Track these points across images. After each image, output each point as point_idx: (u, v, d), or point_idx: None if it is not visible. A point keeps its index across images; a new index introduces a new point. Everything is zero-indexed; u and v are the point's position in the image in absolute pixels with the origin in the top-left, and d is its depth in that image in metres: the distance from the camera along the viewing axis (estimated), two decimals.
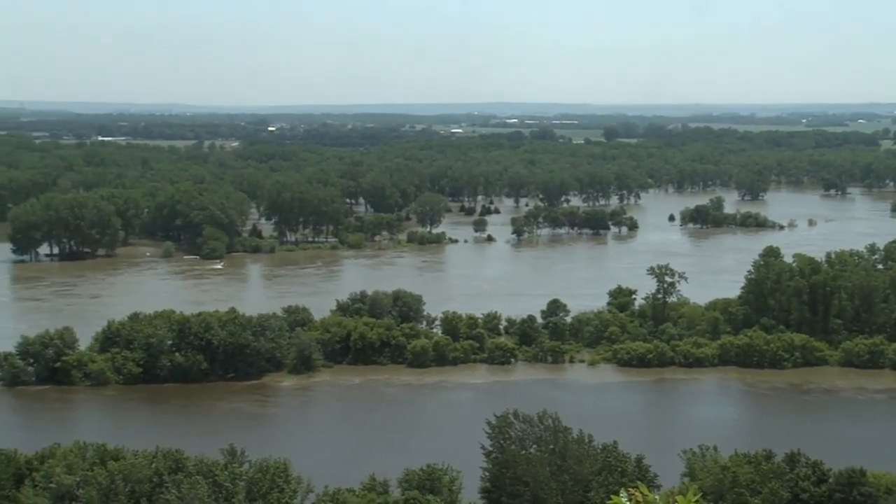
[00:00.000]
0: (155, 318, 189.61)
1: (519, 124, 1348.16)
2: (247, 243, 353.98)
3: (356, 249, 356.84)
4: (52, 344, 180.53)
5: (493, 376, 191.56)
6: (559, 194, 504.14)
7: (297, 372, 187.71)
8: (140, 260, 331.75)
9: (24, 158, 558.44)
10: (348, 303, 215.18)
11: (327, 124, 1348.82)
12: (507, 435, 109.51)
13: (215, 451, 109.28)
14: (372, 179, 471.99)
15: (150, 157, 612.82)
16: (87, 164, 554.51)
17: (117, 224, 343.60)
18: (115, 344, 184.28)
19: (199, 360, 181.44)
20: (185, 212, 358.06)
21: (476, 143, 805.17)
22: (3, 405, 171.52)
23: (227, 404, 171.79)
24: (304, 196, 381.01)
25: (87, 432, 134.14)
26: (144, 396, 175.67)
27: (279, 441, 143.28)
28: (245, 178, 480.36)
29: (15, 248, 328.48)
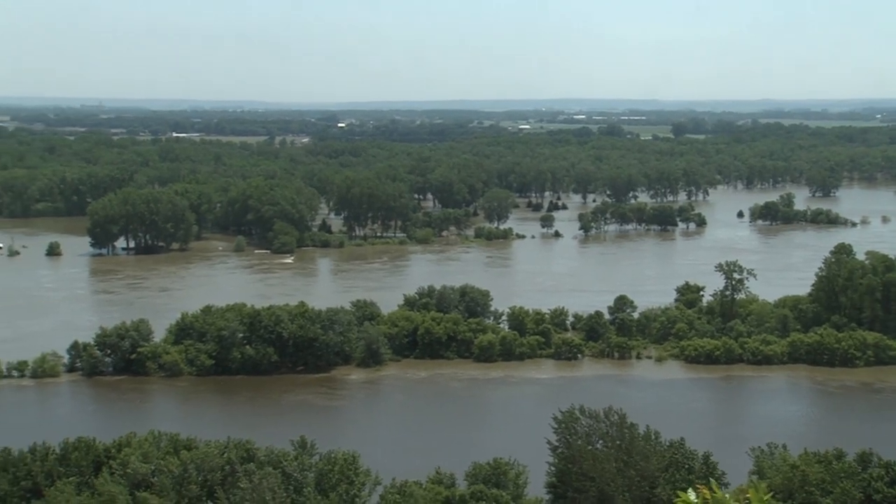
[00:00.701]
0: (227, 311, 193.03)
1: (587, 120, 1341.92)
2: (316, 238, 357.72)
3: (424, 244, 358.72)
4: (128, 335, 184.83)
5: (559, 371, 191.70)
6: (626, 190, 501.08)
7: (365, 365, 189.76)
8: (212, 254, 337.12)
9: (102, 155, 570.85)
10: (416, 297, 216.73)
11: (396, 120, 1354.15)
12: (573, 430, 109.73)
13: (284, 442, 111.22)
14: (440, 175, 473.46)
15: (223, 152, 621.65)
16: (162, 159, 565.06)
17: (191, 219, 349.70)
18: (189, 336, 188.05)
19: (269, 353, 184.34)
20: (256, 207, 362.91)
21: (544, 139, 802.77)
22: (83, 394, 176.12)
23: (295, 396, 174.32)
24: (373, 191, 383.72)
25: (162, 422, 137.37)
26: (216, 388, 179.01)
27: (347, 433, 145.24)
28: (315, 173, 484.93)
29: (93, 242, 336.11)
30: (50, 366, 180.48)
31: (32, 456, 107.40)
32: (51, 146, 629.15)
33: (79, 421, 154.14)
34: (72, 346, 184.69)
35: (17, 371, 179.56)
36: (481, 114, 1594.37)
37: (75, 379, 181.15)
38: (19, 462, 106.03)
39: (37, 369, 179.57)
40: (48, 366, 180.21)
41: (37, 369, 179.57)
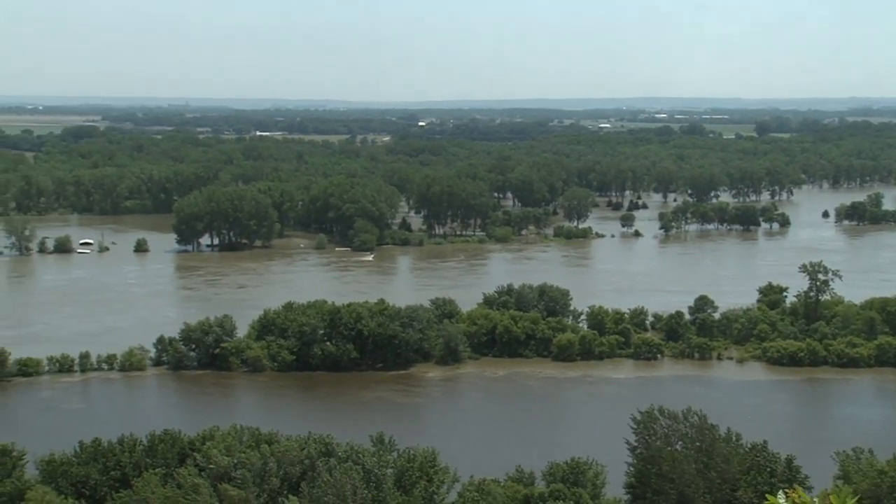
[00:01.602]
0: (308, 307, 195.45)
1: (668, 119, 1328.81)
2: (396, 236, 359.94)
3: (503, 243, 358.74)
4: (212, 331, 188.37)
5: (638, 371, 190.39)
6: (708, 190, 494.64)
7: (444, 363, 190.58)
8: (294, 251, 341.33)
9: (188, 153, 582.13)
10: (495, 296, 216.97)
11: (476, 119, 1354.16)
12: (652, 431, 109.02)
13: (363, 438, 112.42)
14: (520, 174, 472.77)
15: (305, 151, 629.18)
16: (245, 157, 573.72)
17: (273, 216, 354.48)
18: (271, 332, 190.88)
19: (349, 350, 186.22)
20: (337, 205, 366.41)
21: (624, 138, 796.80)
22: (168, 388, 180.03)
23: (374, 393, 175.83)
24: (453, 190, 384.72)
25: (243, 416, 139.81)
26: (296, 383, 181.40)
27: (425, 430, 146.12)
28: (395, 171, 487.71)
29: (179, 239, 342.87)
30: (137, 359, 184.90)
31: (121, 447, 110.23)
32: (139, 145, 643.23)
33: (164, 413, 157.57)
34: (158, 341, 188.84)
35: (106, 364, 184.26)
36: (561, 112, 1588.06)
37: (161, 373, 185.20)
38: (109, 452, 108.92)
39: (125, 363, 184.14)
40: (135, 359, 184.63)
41: (125, 363, 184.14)
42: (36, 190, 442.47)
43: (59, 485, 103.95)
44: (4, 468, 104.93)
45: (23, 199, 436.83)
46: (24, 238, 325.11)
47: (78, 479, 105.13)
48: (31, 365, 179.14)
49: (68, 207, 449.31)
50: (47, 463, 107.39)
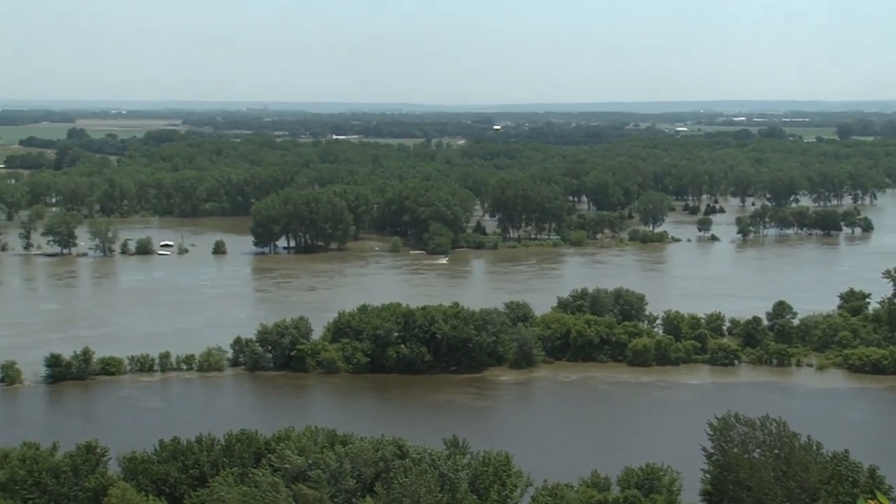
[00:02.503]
0: (382, 310, 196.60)
1: (746, 122, 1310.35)
2: (471, 239, 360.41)
3: (578, 247, 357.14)
4: (288, 333, 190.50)
5: (714, 377, 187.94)
6: (788, 194, 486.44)
7: (518, 367, 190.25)
8: (368, 254, 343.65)
9: (265, 156, 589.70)
10: (569, 300, 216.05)
11: (551, 122, 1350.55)
12: (729, 437, 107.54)
13: (436, 440, 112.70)
14: (595, 177, 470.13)
15: (381, 154, 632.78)
16: (322, 161, 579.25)
17: (349, 219, 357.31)
18: (345, 334, 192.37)
19: (423, 353, 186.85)
20: (412, 208, 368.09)
21: (701, 142, 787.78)
22: (245, 389, 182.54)
23: (447, 396, 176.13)
24: (528, 193, 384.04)
25: (318, 417, 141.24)
26: (370, 385, 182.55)
27: (498, 434, 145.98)
28: (470, 175, 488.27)
29: (256, 241, 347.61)
30: (215, 360, 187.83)
31: (199, 445, 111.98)
32: (218, 148, 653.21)
33: (241, 414, 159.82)
34: (235, 342, 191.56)
35: (185, 364, 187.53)
36: (637, 116, 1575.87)
37: (238, 373, 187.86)
38: (188, 451, 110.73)
39: (203, 363, 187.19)
40: (213, 360, 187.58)
41: (203, 363, 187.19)
42: (119, 193, 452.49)
43: (140, 482, 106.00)
44: (89, 464, 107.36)
45: (107, 202, 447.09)
46: (108, 240, 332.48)
47: (158, 477, 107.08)
48: (113, 364, 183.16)
49: (150, 210, 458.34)
50: (129, 460, 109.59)
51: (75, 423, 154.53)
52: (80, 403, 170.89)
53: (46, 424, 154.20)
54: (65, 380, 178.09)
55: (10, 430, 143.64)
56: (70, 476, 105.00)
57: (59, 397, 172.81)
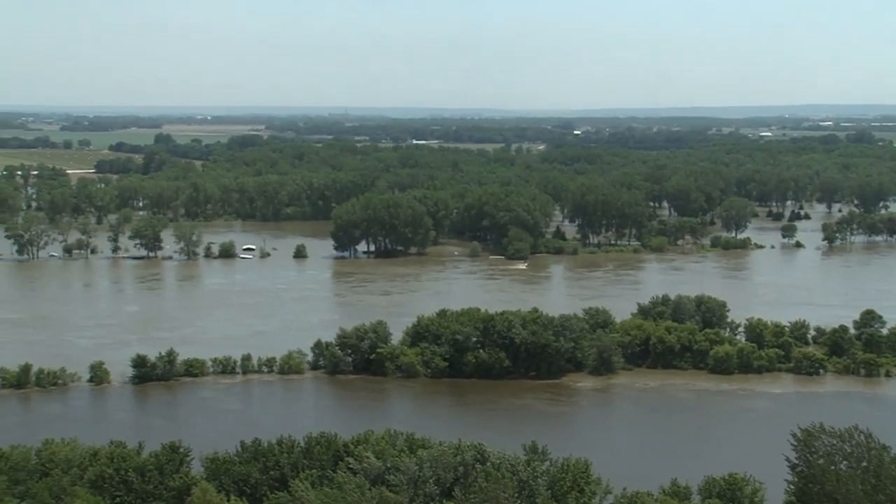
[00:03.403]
0: (461, 315, 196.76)
1: (833, 127, 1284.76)
2: (550, 244, 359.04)
3: (658, 253, 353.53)
4: (367, 336, 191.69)
5: (797, 387, 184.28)
6: (877, 200, 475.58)
7: (597, 373, 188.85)
8: (448, 258, 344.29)
9: (346, 161, 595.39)
10: (649, 306, 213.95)
11: (632, 127, 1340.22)
12: (814, 448, 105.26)
13: (514, 446, 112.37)
14: (676, 183, 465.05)
15: (460, 159, 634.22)
16: (402, 166, 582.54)
17: (428, 224, 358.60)
18: (424, 339, 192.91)
19: (501, 358, 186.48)
20: (491, 213, 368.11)
21: (786, 147, 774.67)
22: (325, 392, 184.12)
23: (525, 401, 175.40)
24: (608, 198, 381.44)
25: (397, 421, 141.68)
26: (449, 390, 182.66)
27: (575, 440, 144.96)
28: (550, 180, 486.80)
29: (336, 245, 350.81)
30: (296, 363, 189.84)
31: (280, 447, 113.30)
32: (300, 153, 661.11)
33: (320, 416, 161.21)
34: (315, 345, 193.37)
35: (266, 367, 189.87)
36: (720, 121, 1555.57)
37: (317, 376, 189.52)
38: (268, 452, 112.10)
39: (283, 366, 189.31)
40: (294, 363, 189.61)
41: (283, 366, 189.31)
42: (203, 197, 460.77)
43: (222, 482, 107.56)
44: (173, 464, 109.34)
45: (191, 206, 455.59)
46: (192, 243, 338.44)
47: (239, 478, 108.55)
48: (196, 366, 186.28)
49: (233, 214, 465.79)
50: (211, 460, 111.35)
51: (159, 423, 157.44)
52: (164, 404, 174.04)
53: (132, 424, 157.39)
54: (150, 380, 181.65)
55: (99, 428, 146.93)
56: (155, 475, 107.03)
57: (144, 397, 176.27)
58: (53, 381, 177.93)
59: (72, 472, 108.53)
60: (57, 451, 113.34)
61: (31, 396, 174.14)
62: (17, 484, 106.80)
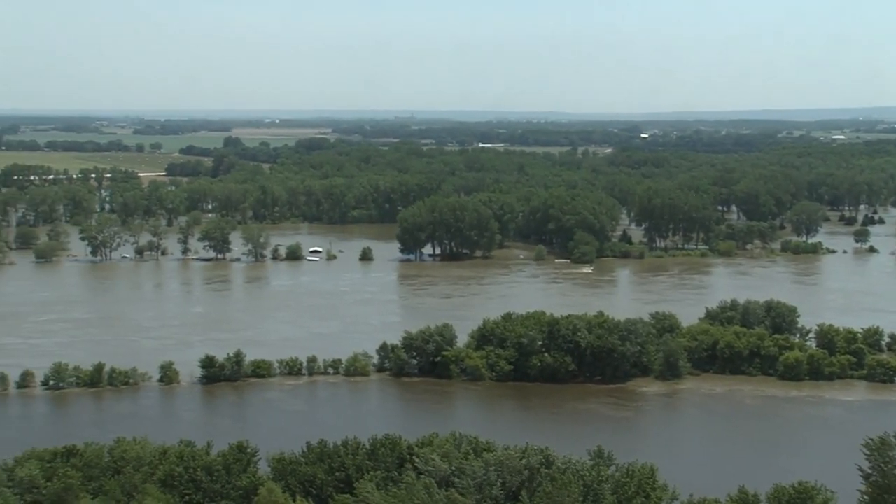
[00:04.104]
0: (526, 318, 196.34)
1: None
2: (616, 248, 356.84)
3: (726, 257, 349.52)
4: (432, 339, 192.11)
5: (871, 394, 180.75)
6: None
7: (663, 378, 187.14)
8: (512, 262, 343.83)
9: (412, 164, 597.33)
10: (717, 311, 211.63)
11: (700, 131, 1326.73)
12: (889, 458, 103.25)
13: (579, 450, 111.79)
14: (745, 186, 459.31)
15: (526, 162, 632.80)
16: (468, 169, 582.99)
17: (494, 227, 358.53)
18: (489, 342, 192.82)
19: (566, 362, 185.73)
20: (557, 216, 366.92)
21: (860, 150, 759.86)
22: (390, 394, 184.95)
23: (590, 406, 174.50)
24: (675, 202, 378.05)
25: (461, 424, 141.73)
26: (513, 393, 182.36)
27: (641, 445, 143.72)
28: (616, 183, 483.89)
29: (402, 248, 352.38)
30: (361, 365, 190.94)
31: (345, 449, 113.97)
32: (366, 156, 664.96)
33: (384, 418, 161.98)
34: (381, 348, 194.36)
35: (331, 368, 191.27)
36: (791, 124, 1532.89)
37: (383, 378, 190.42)
38: (334, 454, 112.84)
39: (349, 367, 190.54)
40: (359, 365, 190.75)
41: (349, 367, 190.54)
42: (271, 199, 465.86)
43: (289, 482, 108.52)
44: (240, 463, 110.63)
45: (259, 208, 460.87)
46: (259, 245, 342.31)
47: (305, 478, 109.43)
48: (263, 367, 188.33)
49: (299, 216, 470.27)
50: (278, 461, 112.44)
51: (227, 424, 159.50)
52: (231, 404, 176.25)
53: (200, 423, 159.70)
54: (218, 381, 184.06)
55: (168, 427, 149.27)
56: (223, 474, 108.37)
57: (212, 398, 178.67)
58: (125, 380, 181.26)
59: (142, 471, 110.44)
60: (128, 449, 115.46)
61: (104, 395, 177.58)
62: (91, 480, 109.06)
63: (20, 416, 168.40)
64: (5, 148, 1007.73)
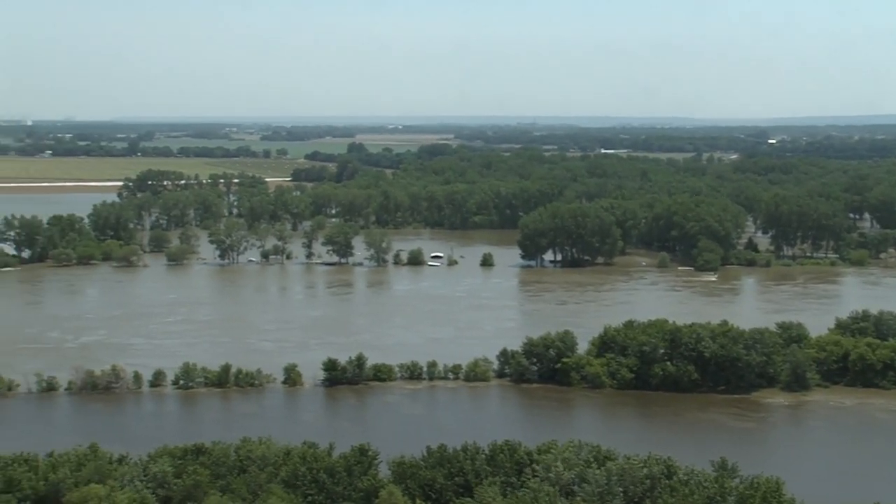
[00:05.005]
0: (648, 326, 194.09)
1: None
2: (741, 256, 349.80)
3: (858, 266, 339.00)
4: (553, 346, 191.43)
5: None
6: None
7: (790, 389, 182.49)
8: (634, 269, 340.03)
9: (534, 170, 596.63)
10: (849, 321, 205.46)
11: (831, 136, 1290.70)
12: None
13: (702, 461, 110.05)
14: (880, 193, 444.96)
15: (649, 168, 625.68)
16: (589, 175, 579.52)
17: (616, 234, 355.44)
18: (611, 349, 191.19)
19: (689, 371, 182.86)
20: (680, 223, 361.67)
21: None
22: (510, 400, 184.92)
23: (711, 416, 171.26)
24: (804, 209, 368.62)
25: (581, 431, 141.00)
26: (634, 401, 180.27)
27: (765, 458, 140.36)
28: (742, 190, 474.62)
29: (523, 254, 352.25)
30: (481, 370, 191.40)
31: (464, 454, 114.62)
32: (488, 162, 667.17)
33: (503, 424, 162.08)
34: (501, 353, 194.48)
35: (451, 373, 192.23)
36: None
37: (502, 384, 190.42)
38: (453, 458, 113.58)
39: (469, 373, 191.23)
40: (480, 370, 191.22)
41: (469, 373, 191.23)
42: (393, 204, 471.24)
43: (408, 486, 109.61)
44: (361, 466, 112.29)
45: (381, 214, 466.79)
46: (381, 250, 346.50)
47: (425, 482, 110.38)
48: (384, 371, 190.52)
49: (421, 221, 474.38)
50: (398, 464, 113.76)
51: (347, 426, 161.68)
52: (352, 407, 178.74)
53: (322, 425, 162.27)
54: (339, 383, 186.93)
55: (291, 428, 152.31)
56: (344, 476, 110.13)
57: (333, 400, 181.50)
58: (251, 381, 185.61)
59: (267, 470, 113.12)
60: (253, 448, 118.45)
61: (230, 395, 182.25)
62: (218, 478, 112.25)
63: (153, 414, 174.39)
64: (141, 154, 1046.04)
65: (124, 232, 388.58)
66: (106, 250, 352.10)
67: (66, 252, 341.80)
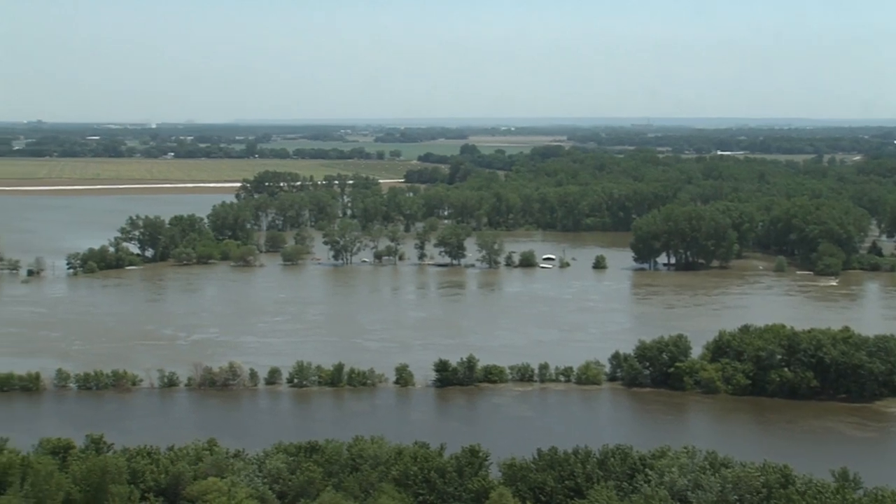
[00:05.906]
0: (765, 331, 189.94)
1: None
2: (864, 260, 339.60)
3: None
4: (666, 350, 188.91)
5: None
6: None
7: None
8: (750, 273, 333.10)
9: (647, 172, 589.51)
10: None
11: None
12: None
13: (818, 470, 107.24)
14: None
15: (767, 171, 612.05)
16: (705, 177, 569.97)
17: (732, 237, 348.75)
18: (725, 354, 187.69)
19: (808, 378, 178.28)
20: (800, 226, 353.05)
21: None
22: (622, 404, 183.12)
23: (828, 424, 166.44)
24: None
25: (694, 437, 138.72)
26: (749, 408, 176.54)
27: (889, 470, 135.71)
28: (866, 192, 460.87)
29: (636, 257, 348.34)
30: (593, 373, 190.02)
31: (575, 457, 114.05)
32: (601, 164, 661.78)
33: (615, 428, 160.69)
34: (613, 356, 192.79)
35: (563, 376, 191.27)
36: None
37: (614, 388, 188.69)
38: (564, 461, 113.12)
39: (581, 375, 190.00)
40: (591, 373, 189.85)
41: (581, 375, 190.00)
42: (505, 206, 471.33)
43: (519, 488, 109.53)
44: (472, 467, 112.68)
45: (493, 215, 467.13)
46: (493, 252, 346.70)
47: (535, 485, 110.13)
48: (495, 372, 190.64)
49: (533, 223, 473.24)
50: (508, 466, 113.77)
51: (458, 427, 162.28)
52: (462, 408, 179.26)
53: (433, 426, 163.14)
54: (450, 384, 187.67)
55: (402, 428, 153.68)
56: (454, 476, 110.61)
57: (444, 401, 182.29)
58: (363, 380, 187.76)
59: (379, 469, 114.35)
60: (365, 447, 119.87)
61: (342, 394, 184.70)
62: (331, 476, 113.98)
63: (268, 411, 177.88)
64: (258, 156, 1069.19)
65: (241, 232, 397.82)
66: (224, 250, 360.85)
67: (187, 251, 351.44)
